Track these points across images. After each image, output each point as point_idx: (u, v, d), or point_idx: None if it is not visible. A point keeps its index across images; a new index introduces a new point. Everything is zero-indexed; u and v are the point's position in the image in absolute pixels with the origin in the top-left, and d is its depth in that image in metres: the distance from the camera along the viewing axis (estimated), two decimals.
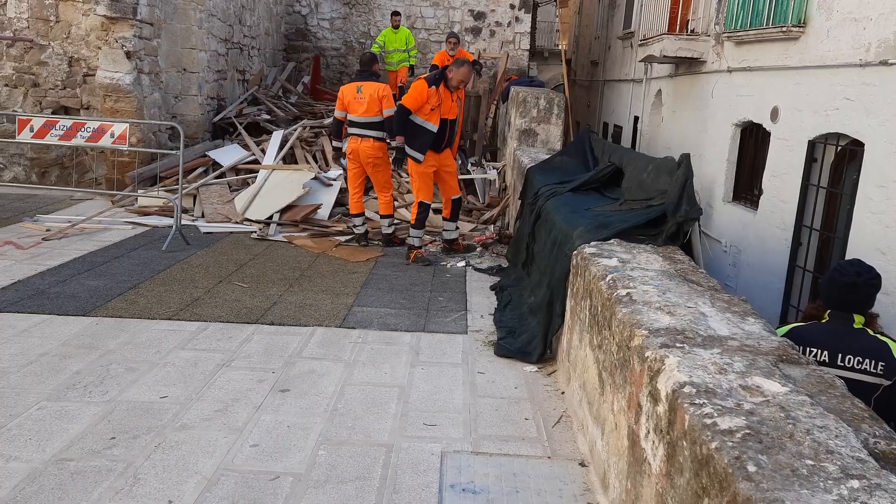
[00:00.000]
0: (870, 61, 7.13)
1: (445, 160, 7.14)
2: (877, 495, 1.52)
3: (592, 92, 21.82)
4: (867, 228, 7.01)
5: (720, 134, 10.66)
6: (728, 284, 9.22)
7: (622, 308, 2.92)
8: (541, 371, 4.46)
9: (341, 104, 7.38)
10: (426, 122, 6.78)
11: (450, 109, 6.97)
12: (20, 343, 4.40)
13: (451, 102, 6.99)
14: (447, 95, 6.89)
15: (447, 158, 7.17)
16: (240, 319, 5.08)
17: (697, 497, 1.82)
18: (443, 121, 6.86)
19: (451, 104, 7.00)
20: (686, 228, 4.16)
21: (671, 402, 2.10)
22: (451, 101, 6.99)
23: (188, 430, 3.47)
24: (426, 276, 6.61)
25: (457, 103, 7.14)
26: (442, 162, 7.07)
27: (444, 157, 7.11)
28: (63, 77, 9.64)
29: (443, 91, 6.85)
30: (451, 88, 6.92)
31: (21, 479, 2.94)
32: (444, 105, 6.85)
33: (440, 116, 6.82)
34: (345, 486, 3.05)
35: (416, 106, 6.81)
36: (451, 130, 7.05)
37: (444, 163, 7.10)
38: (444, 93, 6.85)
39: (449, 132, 7.02)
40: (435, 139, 6.86)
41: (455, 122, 7.15)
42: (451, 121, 7.00)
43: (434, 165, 6.99)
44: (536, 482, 3.16)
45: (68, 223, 7.55)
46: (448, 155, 7.19)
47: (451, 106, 7.00)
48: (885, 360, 3.13)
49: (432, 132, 6.81)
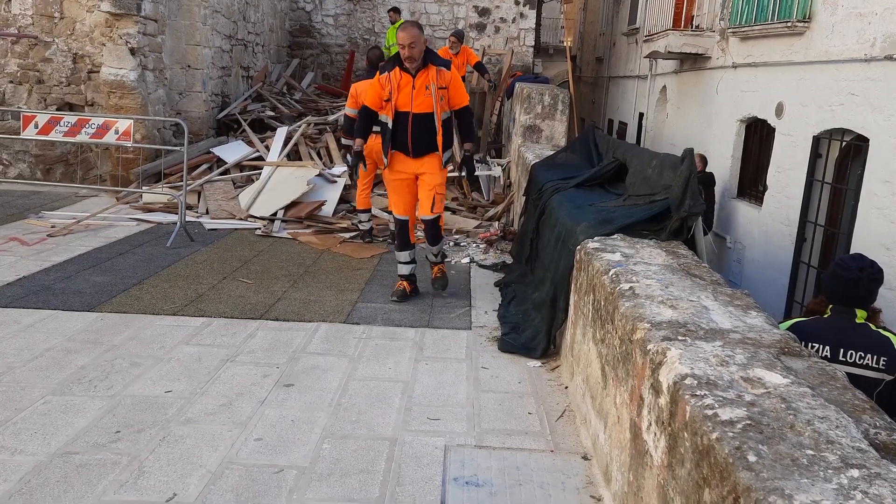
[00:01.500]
0: (875, 56, 7.11)
1: (424, 168, 5.56)
2: (876, 484, 1.53)
3: (597, 89, 21.80)
4: (872, 224, 6.99)
5: (725, 130, 10.64)
6: (733, 281, 9.21)
7: (625, 302, 2.92)
8: (544, 366, 4.47)
9: (354, 102, 7.23)
10: (384, 117, 5.52)
11: (414, 99, 5.39)
12: (25, 338, 4.42)
13: (421, 90, 5.38)
14: (407, 81, 5.36)
15: (427, 166, 5.55)
16: (244, 315, 5.10)
17: (698, 487, 1.82)
18: (401, 115, 5.41)
19: (420, 92, 5.38)
20: (690, 223, 4.16)
21: (673, 394, 2.11)
22: (420, 88, 5.38)
23: (193, 424, 3.48)
24: (430, 272, 6.60)
25: (433, 94, 5.39)
26: (420, 170, 5.57)
27: (422, 165, 5.55)
28: (67, 74, 9.67)
29: (398, 76, 5.38)
30: (412, 71, 5.35)
31: (27, 472, 2.96)
32: (401, 94, 5.38)
33: (394, 108, 5.41)
34: (349, 479, 3.06)
35: (373, 99, 5.54)
36: (424, 128, 5.44)
37: (422, 171, 5.57)
38: (401, 79, 5.38)
39: (419, 130, 5.43)
40: (396, 138, 5.48)
41: (432, 119, 5.43)
42: (421, 115, 5.40)
43: (405, 173, 5.58)
44: (539, 475, 3.16)
45: (73, 220, 7.58)
46: (431, 163, 5.54)
47: (420, 95, 5.38)
48: (888, 355, 3.14)
49: (388, 129, 5.49)
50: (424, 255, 6.00)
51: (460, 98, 5.58)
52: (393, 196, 5.79)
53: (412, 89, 5.39)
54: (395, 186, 5.70)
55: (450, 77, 5.50)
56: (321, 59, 16.02)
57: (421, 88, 5.40)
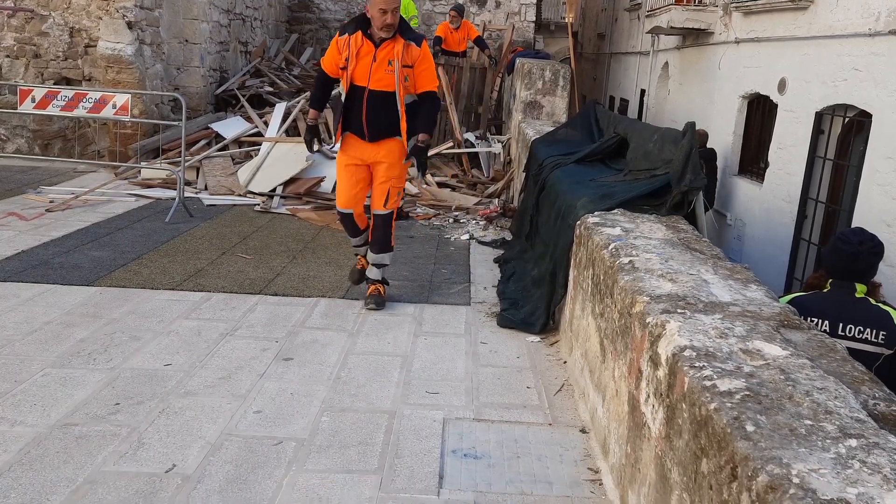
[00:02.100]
0: (879, 31, 7.04)
1: (381, 155, 4.74)
2: (874, 453, 1.52)
3: (599, 65, 21.66)
4: (873, 200, 6.97)
5: (727, 106, 10.58)
6: (733, 258, 9.21)
7: (624, 276, 2.91)
8: (543, 341, 4.47)
9: None
10: (339, 88, 4.79)
11: (373, 73, 4.55)
12: (24, 311, 4.42)
13: (382, 65, 4.55)
14: (368, 51, 4.54)
15: (385, 154, 4.73)
16: (243, 290, 5.09)
17: (696, 457, 1.82)
18: (356, 89, 4.61)
19: (381, 66, 4.55)
20: (690, 198, 4.14)
21: (671, 365, 2.11)
22: (382, 62, 4.55)
23: (192, 396, 3.49)
24: (430, 248, 6.61)
25: (396, 72, 4.54)
26: (377, 157, 4.75)
27: (379, 151, 4.73)
28: (64, 48, 9.58)
29: (358, 42, 4.54)
30: (376, 40, 4.54)
31: (26, 443, 2.97)
32: (358, 64, 4.55)
33: (349, 80, 4.60)
34: (347, 451, 3.08)
35: (329, 63, 4.74)
36: (383, 110, 4.61)
37: (379, 159, 4.75)
38: (361, 45, 4.55)
39: (376, 111, 4.60)
40: (349, 117, 4.69)
41: (393, 100, 4.59)
42: (380, 94, 4.57)
43: (358, 159, 4.76)
44: (537, 448, 3.18)
45: (72, 195, 7.55)
46: (390, 150, 4.73)
47: (380, 70, 4.55)
48: (887, 329, 3.13)
49: (341, 102, 4.76)
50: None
51: (426, 81, 4.72)
52: (338, 183, 4.95)
53: (372, 61, 4.55)
54: (342, 172, 4.86)
55: (419, 55, 4.61)
56: (320, 34, 15.86)
57: (382, 62, 4.56)
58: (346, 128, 4.76)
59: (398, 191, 4.94)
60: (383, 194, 4.83)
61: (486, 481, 2.90)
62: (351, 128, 4.74)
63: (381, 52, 4.57)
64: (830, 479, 1.44)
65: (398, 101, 4.62)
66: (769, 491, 1.43)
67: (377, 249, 4.93)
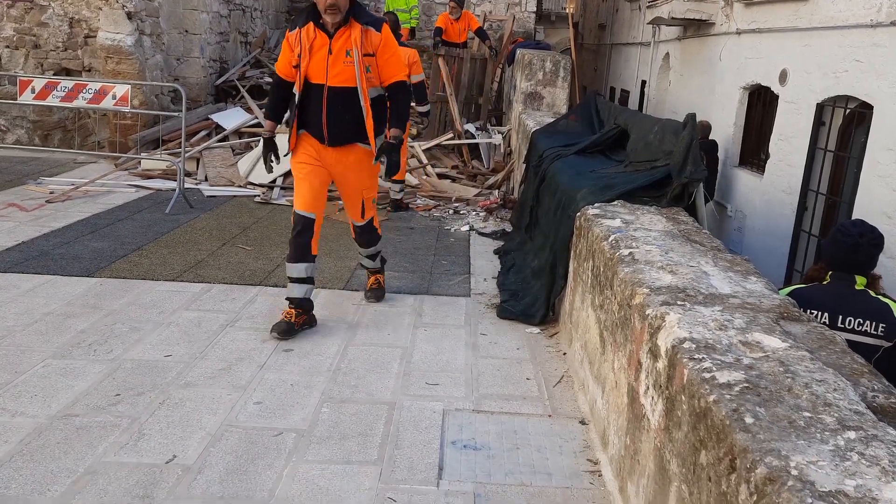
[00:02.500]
0: (881, 22, 7.02)
1: (346, 166, 4.30)
2: (873, 445, 1.53)
3: (600, 56, 21.60)
4: (874, 192, 6.96)
5: (728, 97, 10.55)
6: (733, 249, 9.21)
7: (624, 268, 2.91)
8: (543, 333, 4.48)
9: None
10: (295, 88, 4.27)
11: (330, 67, 4.06)
12: (25, 302, 4.42)
13: (340, 57, 4.06)
14: (322, 43, 4.05)
15: (352, 164, 4.30)
16: (243, 281, 5.09)
17: (695, 449, 1.83)
18: (313, 88, 4.12)
19: (339, 59, 4.06)
20: (691, 190, 4.13)
21: (671, 357, 2.11)
22: (339, 53, 4.06)
23: (192, 387, 3.50)
24: (430, 240, 6.60)
25: (357, 63, 4.07)
26: (339, 167, 4.30)
27: (342, 160, 4.28)
28: (64, 38, 9.55)
29: (310, 34, 4.06)
30: (330, 29, 4.03)
31: (27, 434, 2.98)
32: (313, 59, 4.07)
33: (303, 78, 4.11)
34: (347, 442, 3.08)
35: (283, 64, 4.28)
36: (345, 109, 4.13)
37: (342, 170, 4.31)
38: (315, 38, 4.06)
39: (338, 111, 4.13)
40: (306, 119, 4.20)
41: (355, 96, 4.11)
42: (341, 91, 4.09)
43: (316, 162, 4.24)
44: (537, 439, 3.18)
45: (72, 186, 7.54)
46: (357, 160, 4.29)
47: (338, 63, 4.06)
48: (886, 321, 3.13)
49: (294, 103, 4.24)
50: (358, 261, 4.95)
51: (393, 70, 4.23)
52: (297, 184, 4.30)
53: (328, 54, 4.04)
54: (301, 170, 4.26)
55: (380, 41, 4.11)
56: None
57: (339, 54, 4.04)
58: (302, 126, 4.23)
59: (373, 198, 4.58)
60: (358, 207, 4.49)
61: (485, 472, 2.91)
62: (308, 127, 4.21)
63: (337, 42, 4.05)
64: (829, 471, 1.44)
65: (361, 97, 4.14)
66: (768, 483, 1.43)
67: (365, 245, 4.70)
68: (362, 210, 4.52)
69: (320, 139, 4.21)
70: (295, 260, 4.23)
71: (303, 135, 4.26)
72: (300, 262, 4.23)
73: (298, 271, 4.24)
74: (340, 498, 2.70)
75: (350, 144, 4.26)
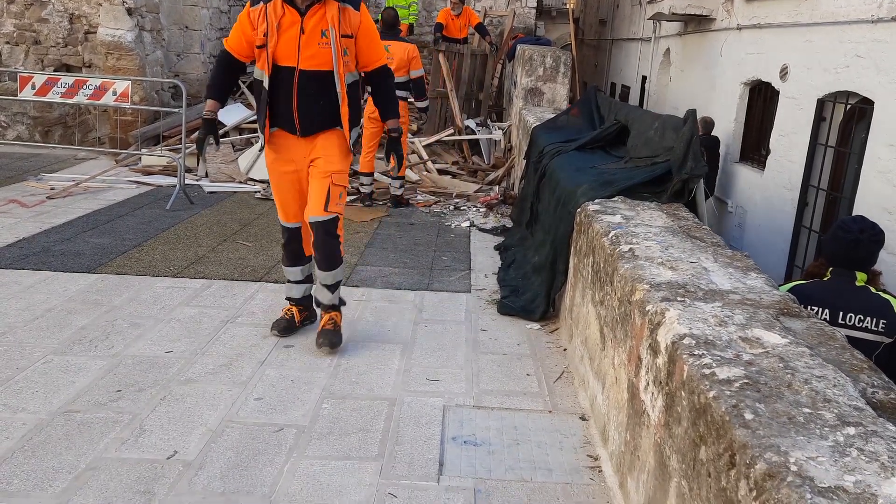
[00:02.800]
0: (882, 17, 7.00)
1: (318, 150, 3.82)
2: (872, 441, 1.53)
3: (600, 52, 21.56)
4: (874, 188, 6.96)
5: (728, 93, 10.54)
6: (733, 245, 9.21)
7: (624, 263, 2.91)
8: (543, 329, 4.48)
9: None
10: (258, 72, 3.78)
11: (303, 49, 3.63)
12: (26, 299, 4.43)
13: (314, 37, 3.63)
14: (293, 21, 3.62)
15: (323, 148, 3.82)
16: (244, 277, 5.10)
17: (694, 445, 1.83)
18: (283, 72, 3.67)
19: (312, 40, 3.63)
20: (691, 186, 4.13)
21: (671, 353, 2.11)
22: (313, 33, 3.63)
23: (193, 383, 3.50)
24: (430, 236, 6.60)
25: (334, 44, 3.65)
26: (314, 154, 3.82)
27: (315, 146, 3.82)
28: (64, 34, 9.55)
29: (279, 10, 3.62)
30: (300, 6, 3.63)
31: (28, 430, 2.99)
32: (282, 39, 3.62)
33: (271, 61, 3.66)
34: (348, 438, 3.09)
35: (237, 41, 3.81)
36: (320, 95, 3.71)
37: (316, 155, 3.82)
38: (283, 15, 3.63)
39: (311, 97, 3.70)
40: (275, 109, 3.75)
41: (331, 81, 3.69)
42: (314, 75, 3.67)
43: (293, 162, 3.85)
44: (537, 435, 3.19)
45: (72, 182, 7.54)
46: (328, 143, 3.82)
47: (312, 44, 3.63)
48: (887, 317, 3.13)
49: (265, 90, 3.74)
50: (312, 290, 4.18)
51: (375, 54, 3.87)
52: (277, 192, 4.02)
53: (300, 34, 3.62)
54: (279, 178, 3.94)
55: (359, 22, 3.74)
56: None
57: (314, 34, 3.63)
58: (274, 122, 3.80)
59: (340, 191, 3.86)
60: (322, 193, 3.77)
61: (485, 468, 2.92)
62: (280, 122, 3.79)
63: (310, 20, 3.63)
64: (828, 466, 1.44)
65: (338, 83, 3.72)
66: (767, 478, 1.43)
67: (325, 265, 3.88)
68: (327, 198, 3.78)
69: (291, 130, 3.80)
70: (290, 264, 4.16)
71: (275, 132, 3.84)
72: (295, 266, 4.16)
73: (295, 274, 4.17)
74: (341, 493, 2.71)
75: (324, 132, 3.84)
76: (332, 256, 3.88)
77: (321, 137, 3.82)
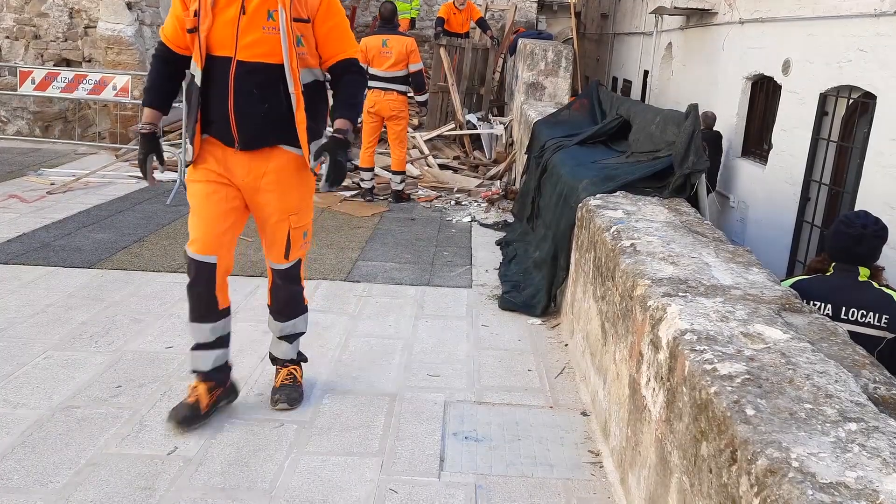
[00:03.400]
0: (885, 11, 6.97)
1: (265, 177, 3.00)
2: (874, 437, 1.52)
3: (602, 46, 21.51)
4: (877, 183, 6.94)
5: (731, 87, 10.51)
6: (735, 240, 9.19)
7: (626, 259, 2.90)
8: (545, 324, 4.47)
9: (364, 57, 7.23)
10: (192, 66, 2.96)
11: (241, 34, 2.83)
12: (26, 294, 4.42)
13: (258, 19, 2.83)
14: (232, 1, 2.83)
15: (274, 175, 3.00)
16: (244, 273, 5.09)
17: (696, 441, 1.82)
18: (216, 62, 2.87)
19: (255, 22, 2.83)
20: (693, 181, 4.12)
21: (672, 349, 2.10)
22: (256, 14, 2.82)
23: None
24: (431, 231, 6.59)
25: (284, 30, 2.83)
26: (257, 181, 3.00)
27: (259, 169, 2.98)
28: (64, 29, 9.53)
29: None
30: None
31: (29, 426, 2.98)
32: (217, 21, 2.84)
33: (203, 49, 2.86)
34: (349, 434, 3.08)
35: (173, 30, 2.99)
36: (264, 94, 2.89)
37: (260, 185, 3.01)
38: None
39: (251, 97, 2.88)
40: (208, 112, 2.93)
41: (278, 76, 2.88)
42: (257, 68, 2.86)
43: (222, 176, 3.00)
44: (538, 431, 3.18)
45: (72, 177, 7.53)
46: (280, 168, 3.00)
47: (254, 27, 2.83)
48: (890, 313, 3.12)
49: (196, 87, 2.91)
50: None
51: (338, 44, 3.00)
52: (193, 209, 3.03)
53: (239, 14, 2.80)
54: (198, 192, 3.00)
55: (318, 4, 2.93)
56: None
57: (257, 15, 2.81)
58: (205, 129, 2.95)
59: (303, 231, 3.16)
60: (281, 240, 3.10)
61: (486, 464, 2.91)
62: (211, 129, 2.94)
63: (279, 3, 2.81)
64: (829, 462, 1.44)
65: (290, 79, 2.87)
66: (768, 474, 1.43)
67: (285, 315, 3.29)
68: (287, 245, 3.12)
69: (227, 140, 2.93)
70: (197, 318, 3.06)
71: (206, 140, 2.97)
72: (204, 322, 3.06)
73: (203, 334, 3.08)
74: (341, 489, 2.71)
75: (270, 148, 2.97)
76: (294, 304, 3.30)
77: (272, 164, 2.97)
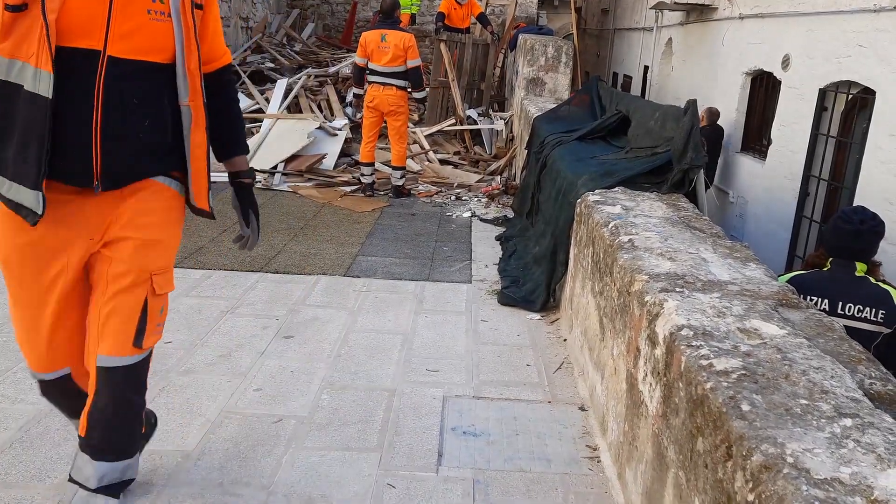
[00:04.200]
0: (884, 6, 6.96)
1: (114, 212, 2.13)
2: (869, 433, 1.53)
3: (602, 41, 21.47)
4: (876, 178, 6.94)
5: (730, 83, 10.50)
6: (734, 235, 9.18)
7: (624, 254, 2.91)
8: (543, 319, 4.48)
9: (363, 51, 7.27)
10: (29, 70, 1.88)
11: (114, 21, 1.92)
12: None
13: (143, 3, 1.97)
14: None
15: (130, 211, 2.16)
16: (244, 268, 5.10)
17: (692, 436, 1.83)
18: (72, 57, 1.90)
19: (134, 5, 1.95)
20: (691, 176, 4.12)
21: (668, 344, 2.11)
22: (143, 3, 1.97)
23: (192, 374, 3.50)
24: (431, 226, 6.60)
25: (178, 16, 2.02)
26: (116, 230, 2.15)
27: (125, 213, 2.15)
28: None
29: None
30: None
31: (27, 421, 2.99)
32: None
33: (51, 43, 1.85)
34: (347, 429, 3.09)
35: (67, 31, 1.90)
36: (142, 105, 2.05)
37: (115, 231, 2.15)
38: None
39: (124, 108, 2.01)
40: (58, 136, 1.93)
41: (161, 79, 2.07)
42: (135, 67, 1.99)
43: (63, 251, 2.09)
44: (536, 425, 3.19)
45: None
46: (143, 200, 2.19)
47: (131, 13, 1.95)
48: (886, 308, 3.13)
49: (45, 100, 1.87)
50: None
51: (219, 46, 2.36)
52: (16, 311, 2.19)
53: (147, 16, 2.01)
54: (26, 282, 2.13)
55: None
56: (322, 9, 15.74)
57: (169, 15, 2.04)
58: (52, 167, 1.97)
59: (163, 302, 2.30)
60: (130, 315, 2.18)
61: (485, 459, 2.92)
62: (61, 164, 1.99)
63: None
64: (824, 458, 1.44)
65: (184, 88, 2.14)
66: (763, 470, 1.43)
67: (112, 451, 2.33)
68: (140, 323, 2.20)
69: (82, 180, 2.04)
70: (74, 416, 2.39)
71: (51, 186, 1.99)
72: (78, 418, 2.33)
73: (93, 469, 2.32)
74: (340, 484, 2.71)
75: (144, 179, 2.18)
76: (128, 430, 2.32)
77: (132, 201, 2.16)
